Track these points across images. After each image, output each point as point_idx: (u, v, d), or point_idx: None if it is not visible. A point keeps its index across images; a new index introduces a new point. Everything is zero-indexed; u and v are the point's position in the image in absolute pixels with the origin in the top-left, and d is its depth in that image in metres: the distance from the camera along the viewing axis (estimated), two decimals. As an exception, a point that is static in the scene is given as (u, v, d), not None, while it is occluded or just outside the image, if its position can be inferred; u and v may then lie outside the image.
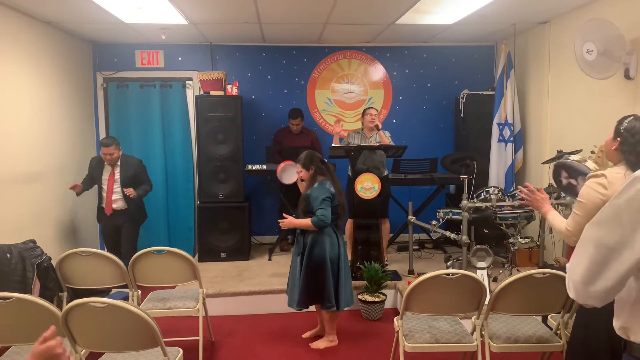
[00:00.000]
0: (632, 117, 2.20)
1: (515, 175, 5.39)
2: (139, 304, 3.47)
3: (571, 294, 1.43)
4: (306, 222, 3.51)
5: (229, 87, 5.35)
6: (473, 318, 2.85)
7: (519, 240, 4.36)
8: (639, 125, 2.15)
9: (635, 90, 3.75)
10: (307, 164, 3.63)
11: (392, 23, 4.97)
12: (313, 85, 6.16)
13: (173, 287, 3.94)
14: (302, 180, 3.70)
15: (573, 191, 3.24)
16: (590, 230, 1.40)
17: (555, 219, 2.42)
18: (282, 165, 4.83)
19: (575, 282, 1.39)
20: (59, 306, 3.39)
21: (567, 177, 3.31)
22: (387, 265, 4.62)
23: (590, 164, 3.25)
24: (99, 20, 4.67)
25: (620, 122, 2.23)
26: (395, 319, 2.91)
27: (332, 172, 3.67)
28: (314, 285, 3.53)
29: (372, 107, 5.10)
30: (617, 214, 1.34)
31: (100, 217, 4.80)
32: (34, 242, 3.74)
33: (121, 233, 4.70)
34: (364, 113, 5.01)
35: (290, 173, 4.22)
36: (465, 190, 4.10)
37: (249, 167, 5.38)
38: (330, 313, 3.64)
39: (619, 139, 2.19)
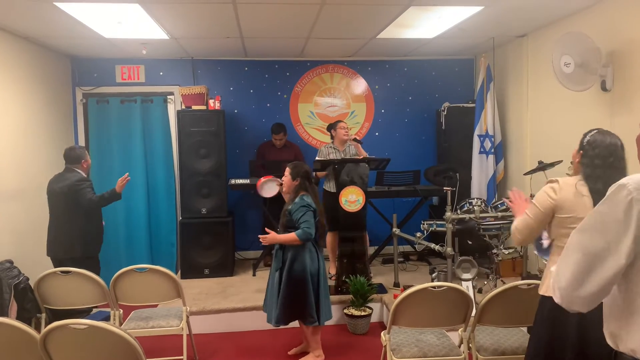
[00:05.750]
0: (595, 131, 2.23)
1: (497, 186, 5.45)
2: (120, 324, 3.39)
3: (556, 299, 1.44)
4: (290, 236, 3.46)
5: (211, 101, 5.32)
6: (460, 330, 2.85)
7: (503, 251, 4.39)
8: (600, 140, 2.17)
9: (611, 101, 3.83)
10: (295, 175, 3.60)
11: (374, 37, 5.01)
12: (296, 99, 6.17)
13: (155, 306, 3.86)
14: (281, 184, 3.68)
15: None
16: (576, 237, 1.42)
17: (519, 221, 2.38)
18: (262, 180, 4.86)
19: (561, 288, 1.41)
20: (37, 328, 3.30)
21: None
22: (371, 277, 4.60)
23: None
24: (78, 35, 4.62)
25: (584, 135, 2.26)
26: (382, 333, 2.88)
27: (315, 192, 3.65)
28: (295, 301, 3.48)
29: (341, 121, 5.08)
30: (601, 221, 1.37)
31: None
32: (10, 262, 3.64)
33: None
34: (335, 127, 4.99)
35: (270, 187, 4.16)
36: (449, 202, 4.12)
37: (233, 181, 5.34)
38: (312, 328, 3.60)
39: (581, 151, 2.23)
